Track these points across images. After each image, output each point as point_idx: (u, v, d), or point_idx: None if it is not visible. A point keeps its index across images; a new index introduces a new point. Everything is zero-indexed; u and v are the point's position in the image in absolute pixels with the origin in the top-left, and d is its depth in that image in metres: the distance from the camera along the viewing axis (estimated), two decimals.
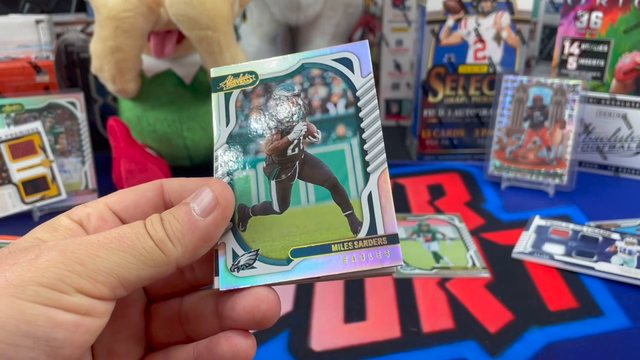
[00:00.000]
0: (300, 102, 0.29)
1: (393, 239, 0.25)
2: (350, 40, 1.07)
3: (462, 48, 0.77)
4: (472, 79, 0.79)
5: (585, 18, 0.73)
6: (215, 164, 0.28)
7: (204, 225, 0.24)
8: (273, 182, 0.28)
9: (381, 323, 0.46)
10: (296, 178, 0.28)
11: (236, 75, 0.30)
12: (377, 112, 0.28)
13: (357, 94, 0.29)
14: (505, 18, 0.76)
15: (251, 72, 0.30)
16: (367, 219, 0.26)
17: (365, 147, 0.27)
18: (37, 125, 0.65)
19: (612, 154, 0.75)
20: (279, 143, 0.28)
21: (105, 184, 0.69)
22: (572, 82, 0.69)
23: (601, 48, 0.73)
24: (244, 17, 0.96)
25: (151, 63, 0.68)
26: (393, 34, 0.94)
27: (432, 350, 0.43)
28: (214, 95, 0.30)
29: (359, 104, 0.28)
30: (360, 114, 0.28)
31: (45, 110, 0.66)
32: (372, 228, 0.26)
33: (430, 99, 0.80)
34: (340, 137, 0.28)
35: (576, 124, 0.69)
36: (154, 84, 0.68)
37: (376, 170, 0.27)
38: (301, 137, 0.28)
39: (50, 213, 0.65)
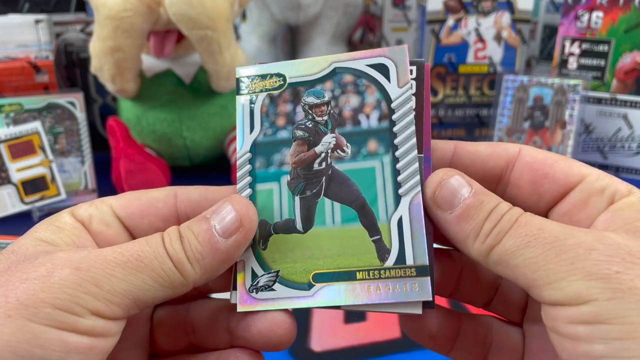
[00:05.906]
0: (330, 110, 0.27)
1: (423, 270, 0.23)
2: (350, 40, 1.07)
3: (462, 48, 0.77)
4: (472, 78, 0.79)
5: (585, 18, 0.73)
6: (237, 174, 0.27)
7: (225, 248, 0.22)
8: (297, 198, 0.26)
9: (381, 323, 0.46)
10: (322, 195, 0.26)
11: (263, 77, 0.27)
12: (413, 127, 0.25)
13: (392, 105, 0.26)
14: (505, 18, 0.76)
15: (279, 75, 0.27)
16: (396, 246, 0.24)
17: (397, 166, 0.25)
18: (36, 125, 0.65)
19: (613, 154, 0.75)
20: (305, 155, 0.26)
21: (105, 184, 0.69)
22: (572, 82, 0.69)
23: (602, 48, 0.73)
24: (244, 17, 0.96)
25: (151, 63, 0.68)
26: (393, 34, 0.94)
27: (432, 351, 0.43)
28: (238, 98, 0.27)
29: (394, 117, 0.26)
30: (395, 129, 0.26)
31: (45, 110, 0.66)
32: (401, 257, 0.24)
33: (431, 98, 0.80)
34: (371, 153, 0.26)
35: (577, 124, 0.69)
36: (154, 83, 0.68)
37: (408, 193, 0.24)
38: (329, 151, 0.26)
39: (50, 213, 0.64)
